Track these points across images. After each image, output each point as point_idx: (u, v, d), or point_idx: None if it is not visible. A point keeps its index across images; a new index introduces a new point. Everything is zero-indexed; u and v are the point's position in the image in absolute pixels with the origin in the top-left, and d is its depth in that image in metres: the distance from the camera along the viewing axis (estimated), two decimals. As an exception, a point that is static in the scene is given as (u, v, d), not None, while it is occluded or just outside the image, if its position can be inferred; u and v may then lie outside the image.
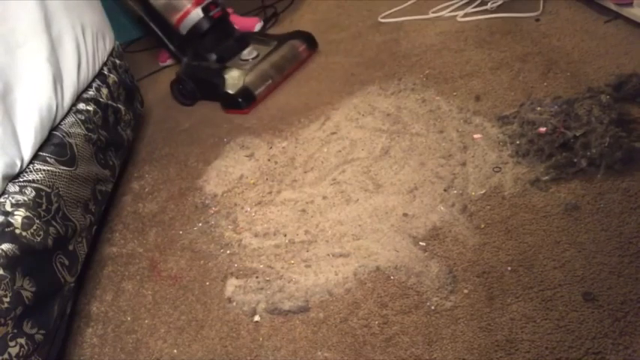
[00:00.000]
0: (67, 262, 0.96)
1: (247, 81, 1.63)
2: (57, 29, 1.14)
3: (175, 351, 0.96)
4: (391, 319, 0.89)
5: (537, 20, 1.58)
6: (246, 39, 1.82)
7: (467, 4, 1.76)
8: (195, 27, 1.69)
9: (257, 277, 1.04)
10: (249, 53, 1.75)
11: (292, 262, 1.05)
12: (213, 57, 1.74)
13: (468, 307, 0.87)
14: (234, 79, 1.66)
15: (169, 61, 2.13)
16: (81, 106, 1.18)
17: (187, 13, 1.68)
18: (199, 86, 1.73)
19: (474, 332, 0.83)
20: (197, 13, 1.68)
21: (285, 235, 1.12)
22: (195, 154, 1.49)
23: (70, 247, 1.00)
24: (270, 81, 1.66)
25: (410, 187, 1.14)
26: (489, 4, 1.71)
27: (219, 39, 1.76)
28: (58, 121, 1.06)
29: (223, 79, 1.67)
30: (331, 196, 1.18)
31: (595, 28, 1.45)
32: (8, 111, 0.91)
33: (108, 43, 1.40)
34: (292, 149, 1.37)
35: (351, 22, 1.95)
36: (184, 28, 1.71)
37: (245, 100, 1.60)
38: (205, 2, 1.68)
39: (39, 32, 1.07)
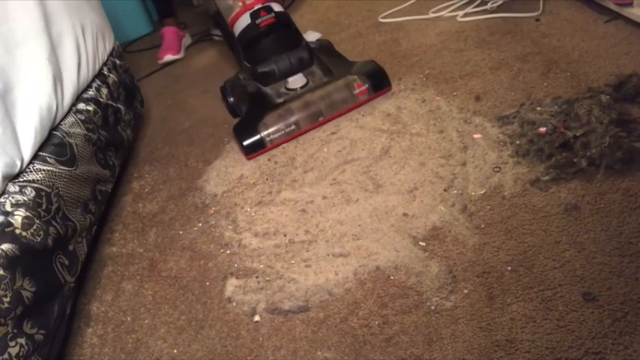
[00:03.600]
0: (67, 262, 0.96)
1: (264, 122, 1.35)
2: (57, 29, 1.14)
3: (175, 351, 0.96)
4: (391, 319, 0.89)
5: (537, 20, 1.58)
6: (309, 56, 1.48)
7: (467, 4, 1.76)
8: (243, 33, 1.48)
9: (257, 277, 1.04)
10: (295, 81, 1.44)
11: (292, 262, 1.05)
12: (257, 72, 1.48)
13: (468, 307, 0.87)
14: (256, 111, 1.40)
15: (168, 57, 2.12)
16: (81, 106, 1.18)
17: (237, 16, 1.49)
18: (237, 103, 1.53)
19: (474, 332, 0.83)
20: (245, 19, 1.47)
21: (285, 235, 1.12)
22: (195, 154, 1.49)
23: (70, 247, 1.00)
24: (293, 127, 1.35)
25: (410, 187, 1.14)
26: (489, 4, 1.71)
27: (271, 50, 1.47)
28: (58, 121, 1.06)
29: (247, 107, 1.43)
30: (331, 196, 1.18)
31: (595, 28, 1.45)
32: (8, 111, 0.91)
33: (108, 43, 1.40)
34: (292, 149, 1.37)
35: (351, 22, 1.95)
36: (236, 31, 1.51)
37: (249, 147, 1.35)
38: (255, 7, 1.45)
39: (39, 32, 1.07)
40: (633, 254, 0.86)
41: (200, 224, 1.23)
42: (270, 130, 1.35)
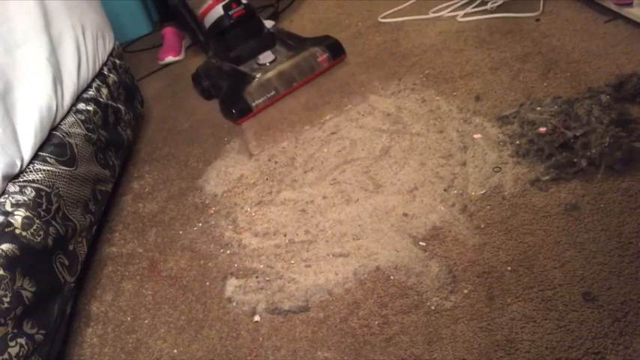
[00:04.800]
0: (67, 262, 0.96)
1: (247, 90, 1.56)
2: (57, 29, 1.14)
3: (175, 351, 0.96)
4: (391, 319, 0.89)
5: (537, 20, 1.58)
6: (271, 40, 1.72)
7: (467, 4, 1.76)
8: (215, 24, 1.66)
9: (257, 277, 1.04)
10: (265, 57, 1.66)
11: (292, 262, 1.05)
12: (231, 56, 1.68)
13: (468, 307, 0.87)
14: (238, 84, 1.59)
15: (169, 59, 2.12)
16: (81, 106, 1.18)
17: (209, 8, 1.66)
18: (212, 85, 1.70)
19: (474, 332, 0.83)
20: (217, 10, 1.65)
21: (285, 235, 1.12)
22: (195, 154, 1.49)
23: (70, 247, 1.00)
24: (273, 92, 1.57)
25: (410, 187, 1.14)
26: (489, 4, 1.71)
27: (241, 37, 1.68)
28: (58, 121, 1.06)
29: (228, 83, 1.62)
30: (331, 196, 1.18)
31: (595, 28, 1.45)
32: (8, 111, 0.91)
33: (108, 43, 1.41)
34: (292, 149, 1.37)
35: (351, 22, 1.95)
36: (207, 22, 1.68)
37: (239, 111, 1.53)
38: (226, 0, 1.64)
39: (39, 32, 1.07)
40: (633, 254, 0.86)
41: (200, 224, 1.23)
42: (255, 96, 1.55)
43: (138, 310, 1.07)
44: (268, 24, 1.79)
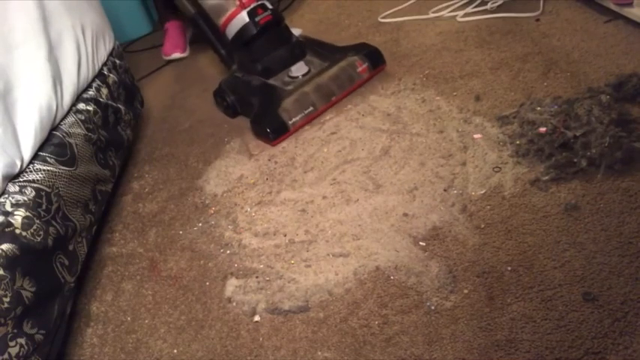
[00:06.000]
0: (67, 262, 0.96)
1: (283, 107, 1.40)
2: (57, 29, 1.14)
3: (175, 351, 0.96)
4: (391, 319, 0.89)
5: (537, 20, 1.58)
6: (302, 49, 1.56)
7: (467, 4, 1.76)
8: (240, 33, 1.49)
9: (257, 277, 1.04)
10: (298, 69, 1.51)
11: (292, 262, 1.05)
12: (259, 68, 1.50)
13: (468, 307, 0.87)
14: (271, 100, 1.43)
15: (175, 55, 2.08)
16: (81, 106, 1.18)
17: (232, 16, 1.49)
18: (239, 101, 1.54)
19: (474, 332, 0.83)
20: (242, 18, 1.47)
21: (285, 235, 1.12)
22: (195, 154, 1.49)
23: (70, 247, 1.00)
24: (311, 108, 1.42)
25: (410, 187, 1.14)
26: (489, 4, 1.71)
27: (268, 47, 1.51)
28: (58, 121, 1.06)
29: (259, 100, 1.45)
30: (331, 196, 1.18)
31: (595, 28, 1.45)
32: (8, 111, 0.91)
33: (108, 43, 1.40)
34: (292, 149, 1.37)
35: (351, 22, 1.95)
36: (230, 32, 1.52)
37: (274, 131, 1.38)
38: (252, 5, 1.47)
39: (38, 32, 1.07)
40: (633, 254, 0.86)
41: (200, 224, 1.23)
42: (291, 113, 1.40)
43: (138, 310, 1.07)
44: (296, 32, 1.64)
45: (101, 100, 1.27)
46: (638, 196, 0.96)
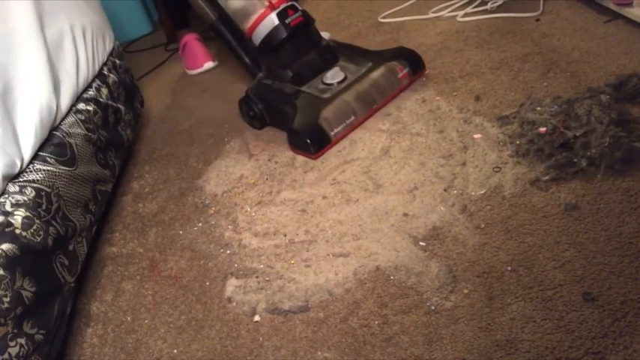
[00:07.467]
0: (67, 262, 0.96)
1: (323, 116, 1.30)
2: (56, 29, 1.14)
3: (175, 351, 0.96)
4: (391, 319, 0.89)
5: (537, 20, 1.58)
6: (333, 53, 1.47)
7: (467, 4, 1.76)
8: (269, 36, 1.38)
9: (257, 277, 1.04)
10: (334, 76, 1.41)
11: (292, 262, 1.05)
12: (289, 75, 1.41)
13: (468, 307, 0.87)
14: (309, 110, 1.33)
15: (208, 64, 1.95)
16: (81, 106, 1.18)
17: (260, 19, 1.39)
18: (269, 111, 1.44)
19: (474, 332, 0.83)
20: (271, 20, 1.37)
21: (285, 235, 1.12)
22: (195, 154, 1.49)
23: (70, 247, 1.00)
24: (352, 118, 1.33)
25: (410, 187, 1.14)
26: (489, 4, 1.71)
27: (298, 52, 1.42)
28: (58, 121, 1.06)
29: (295, 109, 1.35)
30: (331, 196, 1.18)
31: (595, 28, 1.45)
32: (8, 111, 0.91)
33: (108, 43, 1.41)
34: (292, 149, 1.37)
35: (351, 22, 1.95)
36: (257, 37, 1.41)
37: (315, 143, 1.28)
38: (281, 7, 1.37)
39: (38, 32, 1.07)
40: (633, 254, 0.86)
41: (200, 224, 1.23)
42: (332, 123, 1.31)
43: (138, 310, 1.07)
44: (324, 35, 1.55)
45: (101, 100, 1.27)
46: (638, 196, 0.96)
